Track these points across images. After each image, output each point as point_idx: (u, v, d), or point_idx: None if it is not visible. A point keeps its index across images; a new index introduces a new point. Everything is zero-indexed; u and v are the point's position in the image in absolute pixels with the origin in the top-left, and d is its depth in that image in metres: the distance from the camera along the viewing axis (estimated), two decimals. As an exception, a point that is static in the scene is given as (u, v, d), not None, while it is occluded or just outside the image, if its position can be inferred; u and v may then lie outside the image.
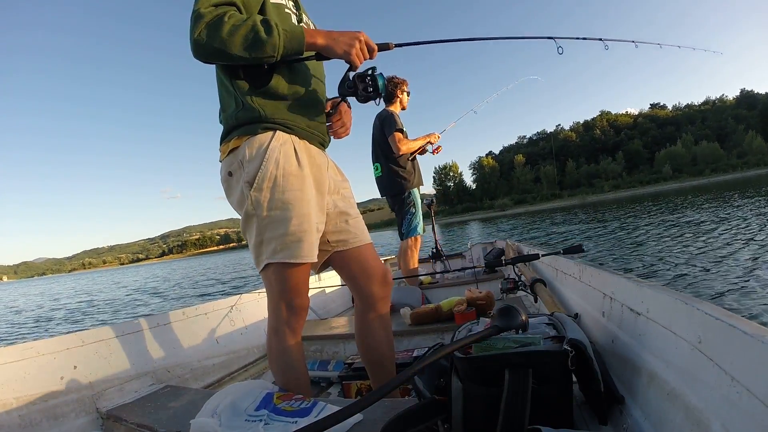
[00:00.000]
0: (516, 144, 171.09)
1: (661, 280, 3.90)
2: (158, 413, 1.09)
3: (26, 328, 8.32)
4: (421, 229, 2.88)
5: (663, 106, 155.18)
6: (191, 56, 0.92)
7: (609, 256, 5.96)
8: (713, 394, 0.53)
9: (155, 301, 10.68)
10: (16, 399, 1.03)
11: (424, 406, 0.75)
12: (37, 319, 9.73)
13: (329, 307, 2.66)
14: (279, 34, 0.90)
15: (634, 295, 0.85)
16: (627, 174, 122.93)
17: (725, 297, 3.18)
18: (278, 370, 1.06)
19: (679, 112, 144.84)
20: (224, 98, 1.05)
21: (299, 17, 1.11)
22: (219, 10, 0.90)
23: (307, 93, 1.07)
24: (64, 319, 9.10)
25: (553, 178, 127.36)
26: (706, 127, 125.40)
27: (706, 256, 4.78)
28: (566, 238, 9.83)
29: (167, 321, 1.53)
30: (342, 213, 1.14)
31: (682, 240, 6.30)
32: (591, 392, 0.75)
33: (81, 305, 11.81)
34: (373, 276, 1.15)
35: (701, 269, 4.18)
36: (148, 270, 57.80)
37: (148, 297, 12.10)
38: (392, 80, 2.94)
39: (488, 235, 16.31)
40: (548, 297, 1.44)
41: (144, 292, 13.96)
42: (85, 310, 10.35)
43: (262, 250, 0.99)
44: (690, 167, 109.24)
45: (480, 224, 33.60)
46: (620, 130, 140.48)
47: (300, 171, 1.00)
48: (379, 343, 1.17)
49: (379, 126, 2.88)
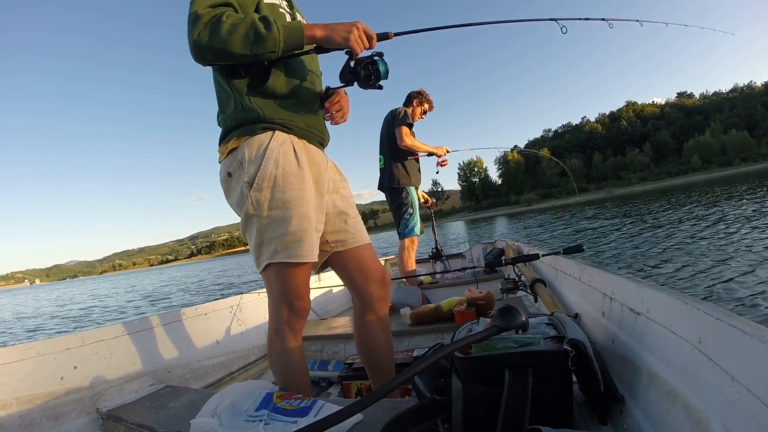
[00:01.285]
0: (541, 137, 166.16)
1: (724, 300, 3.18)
2: (158, 413, 1.09)
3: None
4: (418, 230, 2.89)
5: (690, 95, 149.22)
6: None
7: (655, 259, 5.13)
8: (713, 394, 0.53)
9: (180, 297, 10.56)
10: (16, 399, 1.03)
11: (424, 406, 0.75)
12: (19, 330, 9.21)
13: (329, 307, 2.66)
14: (279, 29, 0.90)
15: (634, 295, 0.85)
16: (655, 165, 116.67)
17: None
18: (279, 370, 1.06)
19: (706, 100, 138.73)
20: (222, 99, 1.06)
21: (293, 16, 1.11)
22: (216, 10, 0.90)
23: (305, 92, 1.07)
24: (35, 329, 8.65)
25: (579, 172, 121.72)
26: (735, 115, 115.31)
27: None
28: (600, 236, 8.69)
29: (167, 321, 1.53)
30: (341, 213, 1.14)
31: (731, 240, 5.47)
32: (591, 392, 0.75)
33: (79, 312, 11.53)
34: (372, 277, 1.15)
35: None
36: (175, 270, 57.65)
37: (164, 296, 11.98)
38: (419, 92, 3.06)
39: (515, 232, 15.72)
40: (548, 297, 1.45)
41: (160, 294, 13.85)
42: (79, 317, 10.07)
43: (263, 251, 0.99)
44: (719, 157, 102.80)
45: (506, 220, 32.47)
46: (647, 121, 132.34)
47: (300, 171, 1.00)
48: (377, 345, 1.17)
49: (390, 119, 2.95)
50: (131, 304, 11.64)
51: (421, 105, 3.03)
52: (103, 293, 19.66)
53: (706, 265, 4.32)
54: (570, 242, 7.28)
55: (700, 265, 4.39)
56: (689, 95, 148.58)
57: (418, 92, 3.06)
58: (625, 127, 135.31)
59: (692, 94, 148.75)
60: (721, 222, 7.40)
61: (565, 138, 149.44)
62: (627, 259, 5.52)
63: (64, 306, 14.78)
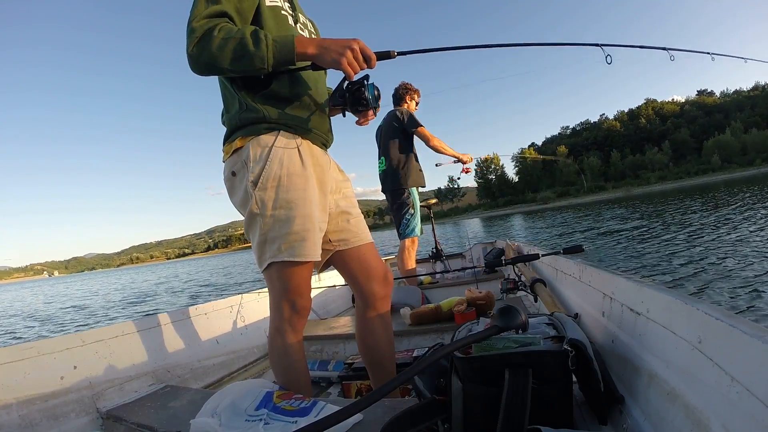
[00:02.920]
0: (559, 135, 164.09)
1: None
2: (158, 413, 1.09)
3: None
4: (419, 231, 2.88)
5: (711, 93, 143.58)
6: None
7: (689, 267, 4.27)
8: (713, 394, 0.53)
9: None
10: (16, 399, 1.03)
11: (424, 406, 0.75)
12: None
13: (329, 307, 2.66)
14: (268, 46, 0.88)
15: (634, 295, 0.85)
16: (674, 164, 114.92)
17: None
18: (280, 369, 1.07)
19: (727, 98, 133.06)
20: (227, 99, 1.06)
21: (296, 18, 1.10)
22: (210, 23, 0.89)
23: (308, 93, 1.07)
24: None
25: (596, 170, 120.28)
26: (756, 114, 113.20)
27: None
28: (632, 239, 7.30)
29: (167, 321, 1.53)
30: (344, 212, 1.15)
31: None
32: (591, 392, 0.75)
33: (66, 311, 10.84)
34: (374, 275, 1.16)
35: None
36: (186, 265, 56.66)
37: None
38: (405, 86, 3.02)
39: (527, 230, 15.03)
40: (548, 297, 1.45)
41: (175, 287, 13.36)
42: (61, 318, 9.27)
43: (266, 249, 0.99)
44: (739, 157, 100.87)
45: (523, 218, 31.05)
46: (666, 119, 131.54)
47: (304, 171, 1.01)
48: (379, 343, 1.17)
49: (390, 121, 2.92)
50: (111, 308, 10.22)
51: (413, 99, 3.00)
52: (105, 290, 19.25)
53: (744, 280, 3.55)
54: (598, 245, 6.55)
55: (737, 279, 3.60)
56: (710, 93, 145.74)
57: (404, 87, 3.00)
58: (644, 125, 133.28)
59: (713, 92, 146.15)
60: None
61: (583, 135, 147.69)
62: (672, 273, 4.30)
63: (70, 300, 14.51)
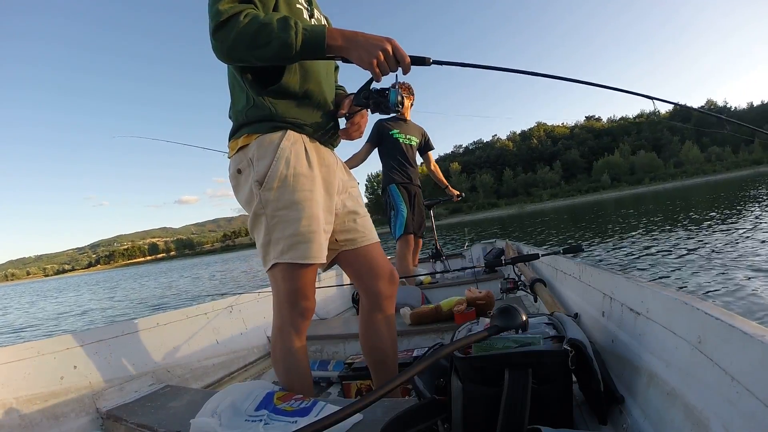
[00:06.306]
0: (452, 153, 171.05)
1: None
2: (158, 413, 1.09)
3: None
4: (403, 230, 2.84)
5: (598, 119, 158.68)
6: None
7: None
8: (713, 394, 0.53)
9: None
10: (16, 399, 1.03)
11: (424, 406, 0.75)
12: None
13: (329, 307, 2.66)
14: (297, 33, 0.85)
15: (634, 295, 0.85)
16: (565, 182, 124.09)
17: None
18: (282, 370, 1.06)
19: (614, 123, 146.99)
20: (235, 92, 1.04)
21: (311, 12, 1.08)
22: (237, 8, 0.87)
23: (318, 92, 1.05)
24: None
25: (490, 187, 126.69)
26: (642, 138, 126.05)
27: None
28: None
29: (167, 321, 1.53)
30: (350, 212, 1.14)
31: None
32: (591, 392, 0.75)
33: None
34: (381, 274, 1.15)
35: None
36: (66, 282, 51.73)
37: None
38: (400, 87, 2.95)
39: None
40: (548, 297, 1.45)
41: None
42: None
43: (270, 250, 0.98)
44: (628, 176, 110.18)
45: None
46: (557, 140, 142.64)
47: (310, 171, 0.99)
48: (383, 343, 1.17)
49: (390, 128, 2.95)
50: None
51: (407, 99, 2.97)
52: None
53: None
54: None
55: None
56: (597, 119, 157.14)
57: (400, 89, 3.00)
58: (536, 145, 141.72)
59: (600, 117, 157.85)
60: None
61: (476, 154, 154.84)
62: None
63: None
